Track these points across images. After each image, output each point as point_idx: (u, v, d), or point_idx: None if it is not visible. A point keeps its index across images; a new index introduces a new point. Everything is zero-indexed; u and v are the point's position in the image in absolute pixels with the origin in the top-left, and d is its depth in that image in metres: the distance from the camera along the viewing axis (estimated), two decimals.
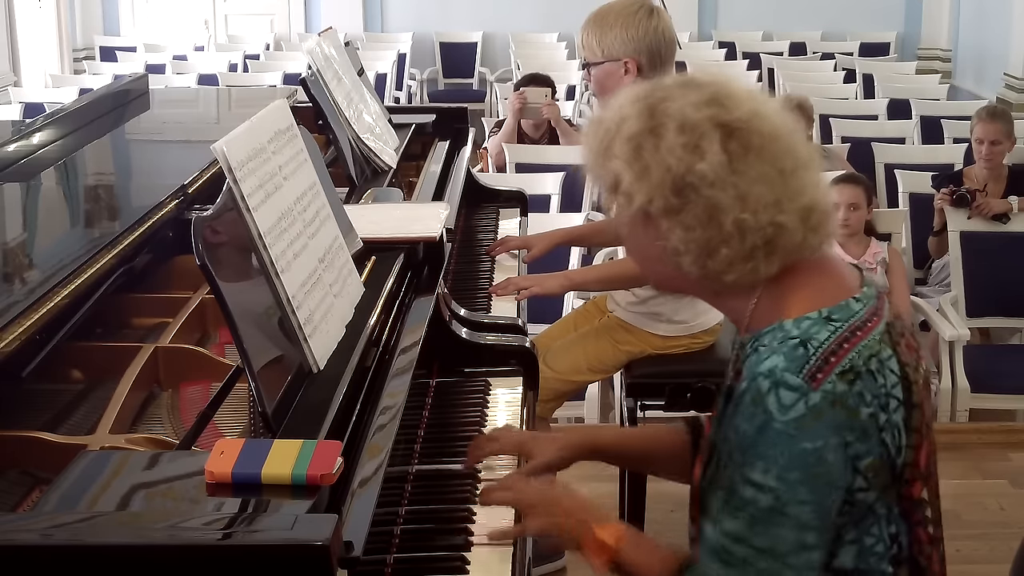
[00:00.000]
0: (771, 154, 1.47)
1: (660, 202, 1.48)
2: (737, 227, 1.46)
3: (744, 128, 1.47)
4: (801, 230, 1.48)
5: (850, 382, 1.44)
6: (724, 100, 1.49)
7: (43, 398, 1.84)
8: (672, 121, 1.47)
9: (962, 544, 3.25)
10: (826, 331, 1.47)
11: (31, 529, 1.27)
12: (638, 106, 1.51)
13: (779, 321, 1.49)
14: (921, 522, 1.54)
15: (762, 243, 1.47)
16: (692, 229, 1.48)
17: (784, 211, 1.46)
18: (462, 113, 3.72)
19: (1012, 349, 4.73)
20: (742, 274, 1.50)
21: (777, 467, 1.42)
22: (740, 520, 1.45)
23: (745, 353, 1.53)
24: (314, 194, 1.92)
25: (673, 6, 10.26)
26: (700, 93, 1.49)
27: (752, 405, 1.44)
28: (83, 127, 2.86)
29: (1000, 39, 8.86)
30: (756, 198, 1.46)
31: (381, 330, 1.96)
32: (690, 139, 1.46)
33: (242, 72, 8.81)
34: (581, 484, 3.61)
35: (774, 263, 1.49)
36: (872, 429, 1.45)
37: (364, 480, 1.52)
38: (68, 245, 2.12)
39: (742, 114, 1.48)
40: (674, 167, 1.46)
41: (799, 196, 1.48)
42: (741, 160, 1.46)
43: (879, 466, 1.47)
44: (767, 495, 1.42)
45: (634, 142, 1.49)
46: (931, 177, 4.99)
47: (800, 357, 1.44)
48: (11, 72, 8.74)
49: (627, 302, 3.03)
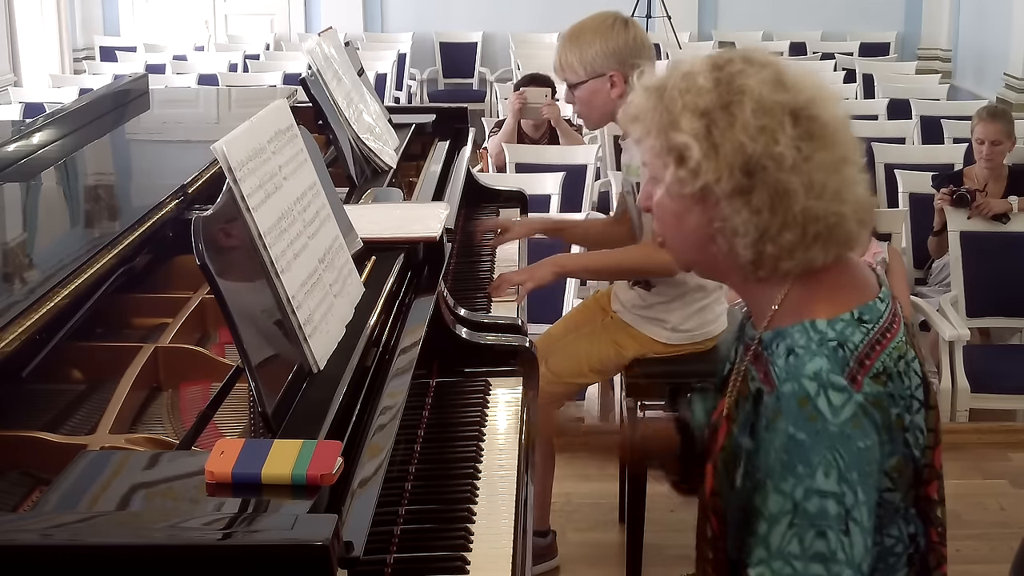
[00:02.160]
0: (832, 142, 1.44)
1: (729, 182, 1.42)
2: (804, 214, 1.42)
3: (809, 115, 1.43)
4: (853, 222, 1.46)
5: (883, 384, 1.43)
6: (790, 84, 1.45)
7: (43, 398, 1.84)
8: (748, 99, 1.42)
9: (962, 544, 3.25)
10: (860, 333, 1.44)
11: (31, 529, 1.27)
12: (711, 77, 1.45)
13: (809, 320, 1.46)
14: (934, 522, 1.54)
15: (825, 231, 1.44)
16: (759, 212, 1.43)
17: (844, 201, 1.44)
18: (462, 113, 3.72)
19: (1012, 349, 4.72)
20: (799, 261, 1.46)
21: (837, 470, 1.37)
22: (812, 537, 1.37)
23: (773, 352, 1.48)
24: (314, 194, 1.91)
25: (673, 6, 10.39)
26: (768, 72, 1.45)
27: (800, 408, 1.40)
28: (83, 127, 2.86)
29: (1000, 39, 8.86)
30: (822, 185, 1.42)
31: (381, 330, 1.96)
32: (766, 121, 1.41)
33: (242, 72, 8.80)
34: (581, 484, 3.63)
35: (830, 253, 1.46)
36: (898, 430, 1.44)
37: (364, 480, 1.52)
38: (68, 245, 2.12)
39: (806, 99, 1.44)
40: (749, 147, 1.41)
41: (854, 187, 1.46)
42: (808, 146, 1.42)
43: (903, 466, 1.46)
44: (833, 501, 1.37)
45: (707, 117, 1.43)
46: (931, 177, 4.98)
47: (841, 359, 1.42)
48: (11, 72, 8.74)
49: (632, 305, 3.01)
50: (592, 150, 5.20)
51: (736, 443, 1.52)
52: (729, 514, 1.54)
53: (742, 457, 1.50)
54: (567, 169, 4.84)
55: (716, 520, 1.57)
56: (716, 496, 1.56)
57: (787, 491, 1.39)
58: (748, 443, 1.49)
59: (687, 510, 1.65)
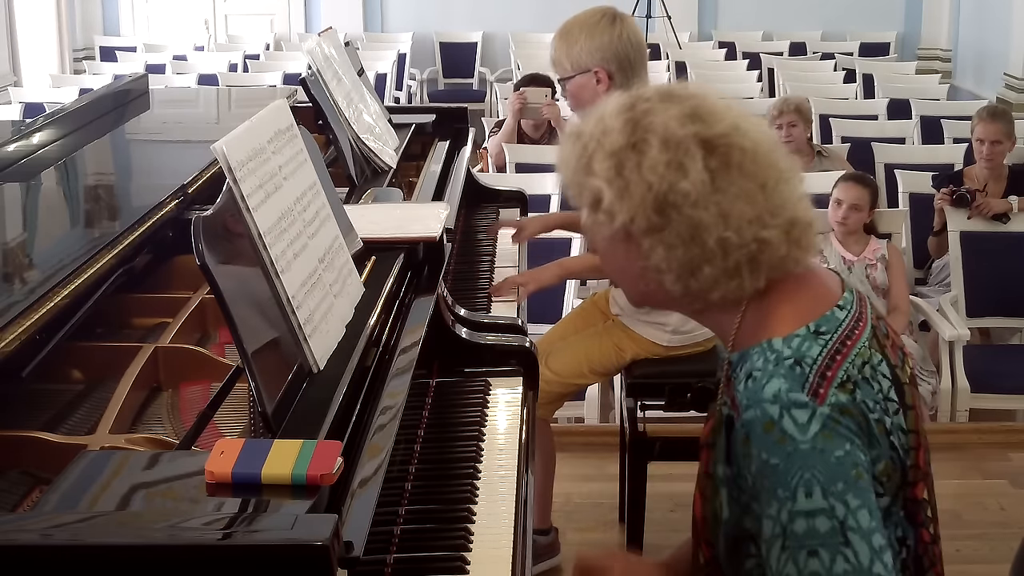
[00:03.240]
0: (752, 169, 1.45)
1: (642, 221, 1.45)
2: (720, 245, 1.44)
3: (725, 144, 1.44)
4: (785, 244, 1.46)
5: (850, 392, 1.42)
6: (705, 115, 1.45)
7: (43, 398, 1.84)
8: (654, 136, 1.44)
9: (962, 544, 3.25)
10: (817, 346, 1.44)
11: (31, 529, 1.27)
12: (620, 119, 1.47)
13: (767, 339, 1.46)
14: (923, 523, 1.54)
15: (746, 260, 1.45)
16: (674, 248, 1.45)
17: (767, 226, 1.44)
18: (462, 113, 3.72)
19: (1012, 349, 4.72)
20: (727, 291, 1.47)
21: (819, 485, 1.37)
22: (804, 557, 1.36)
23: (736, 376, 1.49)
24: (314, 194, 1.91)
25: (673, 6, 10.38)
26: (681, 107, 1.46)
27: (766, 434, 1.40)
28: (83, 127, 2.86)
29: (1000, 39, 8.87)
30: (738, 215, 1.43)
31: (381, 330, 1.96)
32: (673, 156, 1.43)
33: (242, 72, 8.81)
34: (581, 484, 3.64)
35: (759, 278, 1.47)
36: (880, 433, 1.44)
37: (364, 480, 1.52)
38: (68, 245, 2.12)
39: (723, 129, 1.45)
40: (656, 185, 1.43)
41: (781, 211, 1.45)
42: (723, 177, 1.43)
43: (891, 470, 1.46)
44: (823, 518, 1.36)
45: (616, 158, 1.45)
46: (931, 177, 4.99)
47: (799, 376, 1.42)
48: (11, 72, 8.75)
49: (632, 309, 3.01)
50: None
51: (715, 471, 1.53)
52: (718, 543, 1.54)
53: (721, 486, 1.51)
54: None
55: (706, 547, 1.57)
56: (704, 523, 1.57)
57: (773, 516, 1.39)
58: (726, 470, 1.50)
59: (687, 510, 1.65)
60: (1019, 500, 3.68)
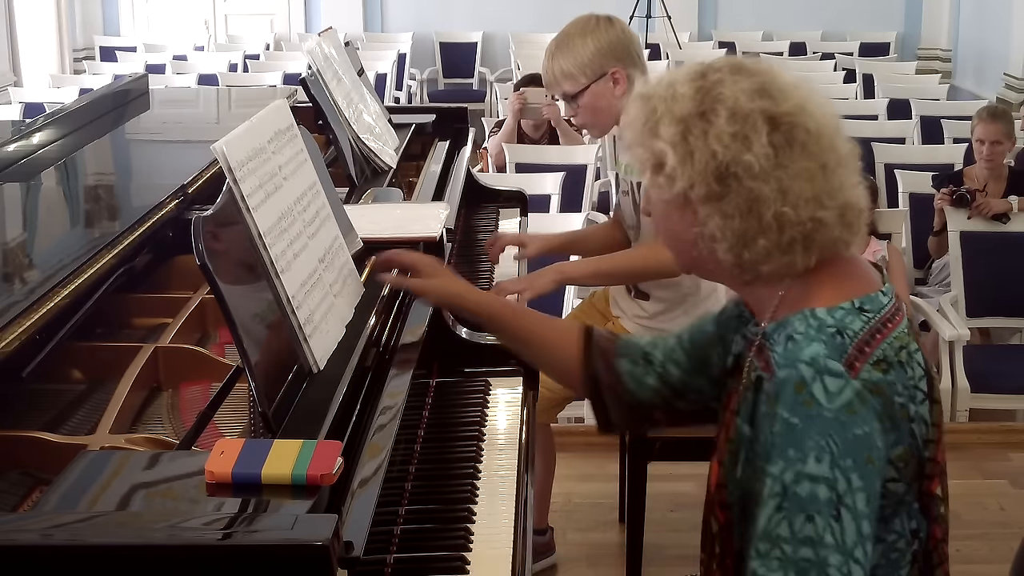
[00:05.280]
0: (814, 150, 1.46)
1: (702, 188, 1.46)
2: (777, 220, 1.45)
3: (791, 122, 1.46)
4: (838, 227, 1.47)
5: (884, 371, 1.44)
6: (774, 92, 1.47)
7: (43, 398, 1.84)
8: (723, 107, 1.45)
9: (962, 544, 3.25)
10: (860, 321, 1.46)
11: (31, 529, 1.27)
12: (692, 86, 1.49)
13: (809, 308, 1.48)
14: (936, 519, 1.55)
15: (801, 237, 1.46)
16: (731, 218, 1.46)
17: (824, 207, 1.46)
18: (462, 113, 3.72)
19: (1012, 349, 4.72)
20: (778, 266, 1.49)
21: (830, 455, 1.38)
22: (802, 521, 1.38)
23: (773, 341, 1.50)
24: (314, 194, 1.92)
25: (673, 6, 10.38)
26: (751, 81, 1.48)
27: (796, 394, 1.41)
28: (83, 127, 2.87)
29: (1000, 39, 8.88)
30: (797, 193, 1.45)
31: (381, 330, 1.96)
32: (739, 128, 1.44)
33: (242, 72, 8.81)
34: (581, 484, 3.64)
35: (811, 257, 1.48)
36: (903, 419, 1.45)
37: (364, 480, 1.52)
38: (68, 245, 2.12)
39: (790, 107, 1.46)
40: (720, 154, 1.44)
41: (838, 193, 1.47)
42: (786, 154, 1.45)
43: (908, 457, 1.47)
44: (823, 486, 1.37)
45: (683, 124, 1.47)
46: (931, 177, 4.99)
47: (839, 345, 1.43)
48: (11, 72, 8.75)
49: (634, 314, 2.99)
50: (592, 150, 5.20)
51: (739, 432, 1.54)
52: (734, 505, 1.55)
53: (742, 446, 1.52)
54: (567, 169, 4.84)
55: (721, 512, 1.58)
56: (723, 488, 1.57)
57: (775, 475, 1.40)
58: (748, 431, 1.51)
59: (687, 510, 1.66)
60: (1019, 500, 3.69)
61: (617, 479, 3.52)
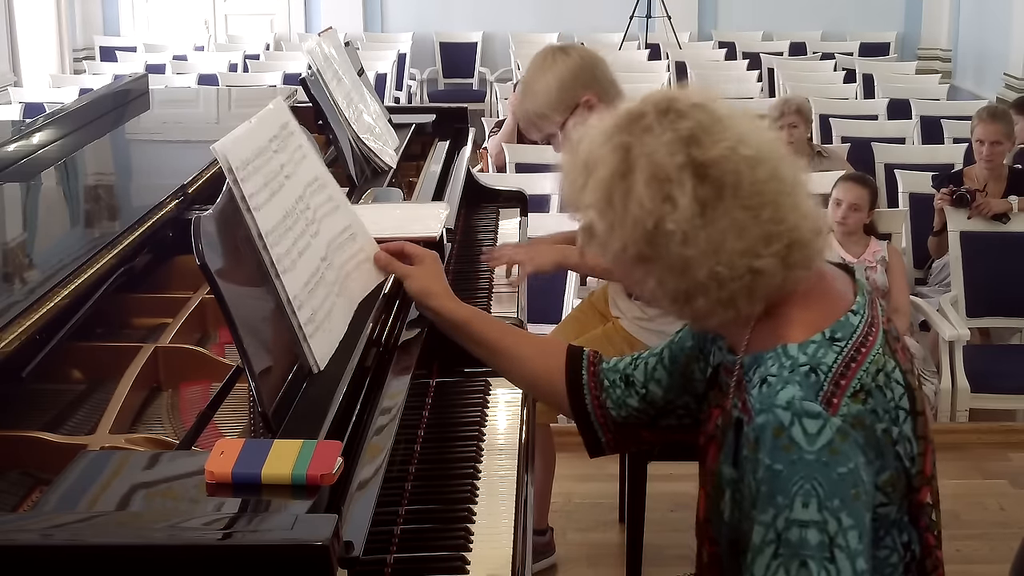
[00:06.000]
0: (748, 191, 1.41)
1: (633, 250, 1.44)
2: (712, 279, 1.42)
3: (719, 169, 1.41)
4: (781, 271, 1.44)
5: (863, 401, 1.41)
6: (703, 135, 1.42)
7: (43, 398, 1.84)
8: (643, 167, 1.42)
9: (962, 544, 3.25)
10: (832, 353, 1.43)
11: (31, 529, 1.27)
12: (612, 143, 1.46)
13: (783, 344, 1.45)
14: (927, 526, 1.53)
15: (741, 289, 1.43)
16: (665, 281, 1.45)
17: (760, 256, 1.42)
18: (462, 113, 3.72)
19: (1012, 349, 4.72)
20: (724, 319, 1.47)
21: (817, 498, 1.36)
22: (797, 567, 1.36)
23: (750, 380, 1.48)
24: (316, 189, 1.91)
25: (673, 6, 10.39)
26: (680, 126, 1.43)
27: (775, 439, 1.39)
28: (83, 127, 2.87)
29: (1000, 39, 8.88)
30: (730, 249, 1.41)
31: (381, 330, 1.96)
32: (659, 190, 1.41)
33: (242, 72, 8.82)
34: (581, 484, 3.64)
35: (756, 304, 1.46)
36: (887, 445, 1.43)
37: (364, 480, 1.51)
38: (68, 245, 2.12)
39: (721, 150, 1.41)
40: (643, 220, 1.41)
41: (777, 238, 1.43)
42: (714, 208, 1.41)
43: (896, 479, 1.45)
44: (814, 530, 1.36)
45: (605, 188, 1.44)
46: (931, 177, 4.99)
47: (814, 384, 1.41)
48: (11, 72, 8.75)
49: (634, 316, 2.99)
50: None
51: (720, 472, 1.53)
52: (721, 541, 1.54)
53: (727, 487, 1.51)
54: None
55: (710, 546, 1.57)
56: (708, 523, 1.57)
57: (768, 522, 1.39)
58: (732, 472, 1.50)
59: (687, 510, 1.66)
60: (1019, 500, 3.69)
61: (617, 479, 3.52)
